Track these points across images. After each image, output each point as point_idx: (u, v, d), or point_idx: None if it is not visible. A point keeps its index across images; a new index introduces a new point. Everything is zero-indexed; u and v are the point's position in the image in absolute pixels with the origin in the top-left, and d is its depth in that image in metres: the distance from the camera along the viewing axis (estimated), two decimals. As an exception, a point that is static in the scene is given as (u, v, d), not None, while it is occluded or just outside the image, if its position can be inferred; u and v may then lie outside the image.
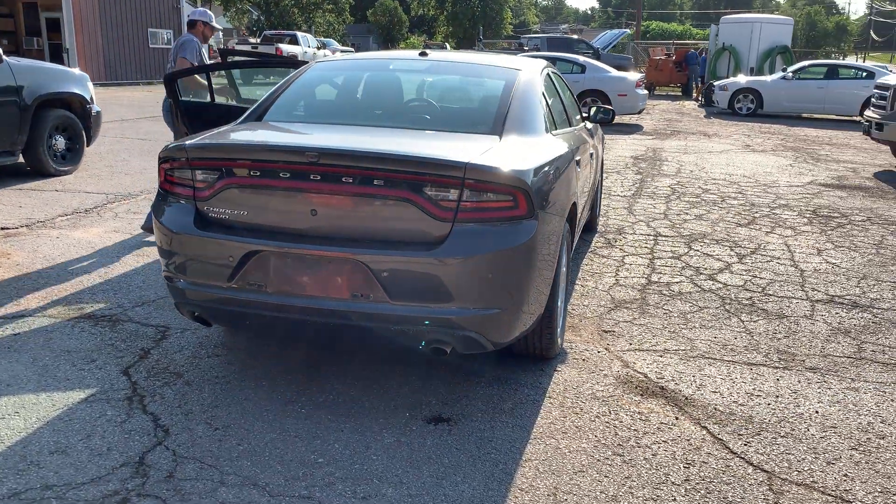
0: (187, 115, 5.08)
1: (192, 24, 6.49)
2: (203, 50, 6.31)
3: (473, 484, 2.84)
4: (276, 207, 3.23)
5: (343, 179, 3.09)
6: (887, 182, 10.26)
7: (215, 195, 3.26)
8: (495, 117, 3.75)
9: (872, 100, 11.75)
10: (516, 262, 3.16)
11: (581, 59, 17.90)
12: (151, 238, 6.04)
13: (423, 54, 4.50)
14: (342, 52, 33.70)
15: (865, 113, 11.81)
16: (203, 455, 2.97)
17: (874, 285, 5.49)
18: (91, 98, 9.10)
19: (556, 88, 4.83)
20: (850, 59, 45.70)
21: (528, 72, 4.25)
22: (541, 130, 3.88)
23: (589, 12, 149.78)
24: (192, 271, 3.34)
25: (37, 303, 4.58)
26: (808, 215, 7.88)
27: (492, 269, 3.10)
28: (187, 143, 3.36)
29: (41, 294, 4.74)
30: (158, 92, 22.89)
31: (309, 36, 32.17)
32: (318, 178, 3.10)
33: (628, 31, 28.77)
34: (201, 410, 3.33)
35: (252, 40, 34.09)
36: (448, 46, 42.58)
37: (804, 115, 20.97)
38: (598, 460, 3.03)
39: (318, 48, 31.26)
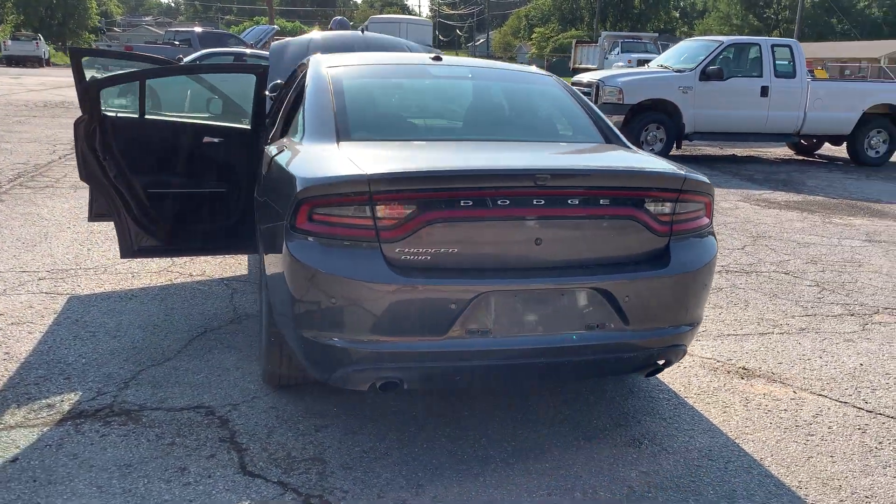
0: (113, 134, 3.89)
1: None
2: None
3: (759, 493, 2.84)
4: (492, 240, 2.78)
5: (569, 202, 2.80)
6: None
7: (412, 233, 2.67)
8: (602, 127, 3.65)
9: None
10: (713, 270, 3.19)
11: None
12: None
13: (437, 58, 4.13)
14: None
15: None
16: (495, 544, 2.49)
17: (730, 254, 6.50)
18: None
19: None
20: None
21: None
22: None
23: (173, 4, 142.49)
24: (378, 327, 2.69)
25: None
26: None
27: (707, 280, 3.10)
28: (367, 173, 2.67)
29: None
30: None
31: None
32: (542, 202, 2.76)
33: (277, 27, 28.59)
34: (413, 496, 2.74)
35: None
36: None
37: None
38: (806, 445, 3.23)
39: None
